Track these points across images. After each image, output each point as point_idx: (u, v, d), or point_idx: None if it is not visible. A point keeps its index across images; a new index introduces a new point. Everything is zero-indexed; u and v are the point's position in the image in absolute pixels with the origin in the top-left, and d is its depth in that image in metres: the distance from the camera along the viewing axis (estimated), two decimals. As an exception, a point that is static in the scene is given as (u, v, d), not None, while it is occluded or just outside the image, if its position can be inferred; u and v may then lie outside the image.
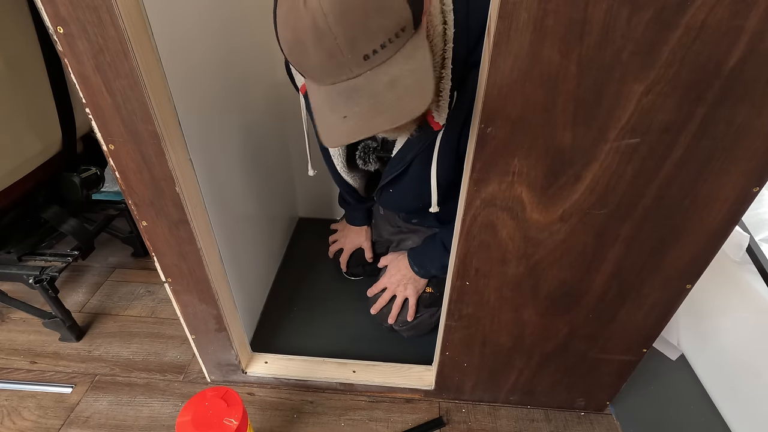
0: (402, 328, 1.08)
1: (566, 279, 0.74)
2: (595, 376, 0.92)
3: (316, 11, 0.48)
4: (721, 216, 0.63)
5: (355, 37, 0.49)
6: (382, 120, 0.53)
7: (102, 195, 1.47)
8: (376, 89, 0.53)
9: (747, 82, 0.50)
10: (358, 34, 0.49)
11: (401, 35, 0.52)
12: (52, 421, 1.00)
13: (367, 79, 0.53)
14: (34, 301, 1.19)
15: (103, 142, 0.65)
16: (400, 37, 0.52)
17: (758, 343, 0.92)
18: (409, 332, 1.10)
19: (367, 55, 0.51)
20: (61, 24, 0.54)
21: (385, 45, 0.51)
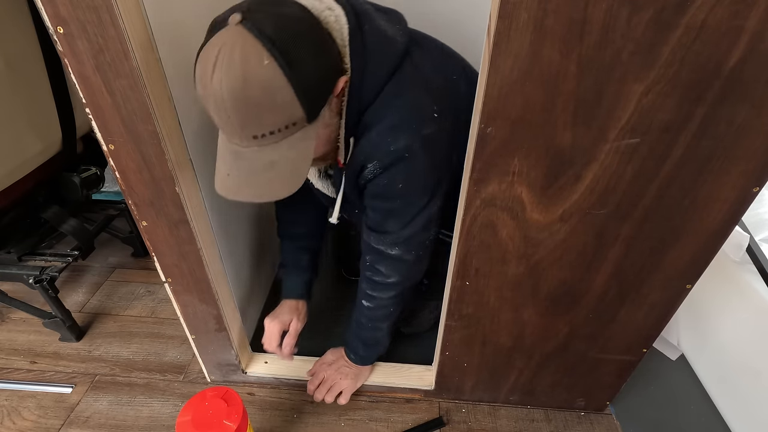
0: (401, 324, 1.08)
1: (566, 279, 0.74)
2: (595, 376, 0.92)
3: (217, 92, 0.53)
4: (721, 216, 0.63)
5: (246, 123, 0.56)
6: (250, 194, 0.62)
7: (102, 195, 1.47)
8: (256, 166, 0.60)
9: (747, 82, 0.50)
10: (250, 121, 0.56)
11: (291, 128, 0.58)
12: (52, 421, 1.00)
13: (252, 153, 0.59)
14: (34, 301, 1.19)
15: (103, 142, 0.65)
16: (289, 128, 0.58)
17: (758, 343, 0.92)
18: (408, 328, 1.10)
19: (255, 135, 0.57)
20: (61, 24, 0.54)
21: (274, 132, 0.57)
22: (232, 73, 0.52)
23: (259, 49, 0.52)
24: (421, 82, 0.69)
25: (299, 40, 0.55)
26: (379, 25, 0.67)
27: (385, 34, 0.67)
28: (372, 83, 0.66)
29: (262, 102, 0.54)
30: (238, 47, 0.52)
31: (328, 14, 0.62)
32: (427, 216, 0.76)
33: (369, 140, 0.68)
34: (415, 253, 0.81)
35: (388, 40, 0.67)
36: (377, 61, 0.65)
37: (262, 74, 0.53)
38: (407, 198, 0.73)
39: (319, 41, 0.59)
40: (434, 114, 0.68)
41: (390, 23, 0.69)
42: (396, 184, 0.71)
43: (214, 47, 0.53)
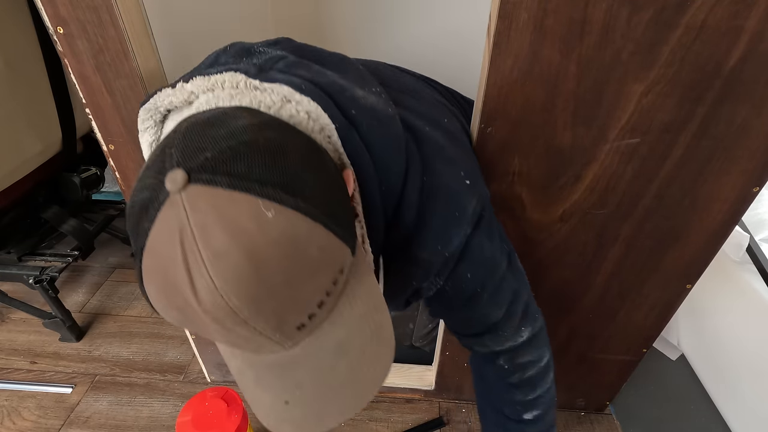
0: (423, 344, 1.07)
1: (566, 279, 0.74)
2: (595, 376, 0.92)
3: (216, 305, 0.31)
4: (721, 216, 0.63)
5: (281, 316, 0.33)
6: (344, 407, 0.38)
7: (102, 195, 1.47)
8: (322, 364, 0.37)
9: (747, 82, 0.50)
10: (285, 311, 0.33)
11: (339, 281, 0.36)
12: (52, 421, 1.00)
13: (306, 349, 0.36)
14: (34, 301, 1.19)
15: (103, 142, 0.65)
16: (338, 283, 0.36)
17: (758, 343, 0.92)
18: (431, 345, 1.05)
19: (301, 324, 0.35)
20: (61, 24, 0.54)
21: (323, 303, 0.35)
22: (226, 263, 0.30)
23: (246, 203, 0.31)
24: (435, 153, 0.50)
25: (278, 156, 0.34)
26: (366, 104, 0.45)
27: (376, 115, 0.45)
28: (388, 189, 0.47)
29: (293, 272, 0.32)
30: (214, 220, 0.30)
31: (291, 109, 0.41)
32: (519, 274, 0.60)
33: (415, 261, 0.51)
34: (539, 316, 0.63)
35: (384, 123, 0.46)
36: (388, 160, 0.46)
37: (274, 234, 0.31)
38: (488, 282, 0.56)
39: (297, 143, 0.37)
40: (466, 181, 0.51)
41: (368, 91, 0.47)
42: (466, 280, 0.54)
43: (168, 242, 0.31)
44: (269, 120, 0.38)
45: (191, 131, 0.34)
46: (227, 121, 0.35)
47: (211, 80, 0.42)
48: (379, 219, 0.47)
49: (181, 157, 0.32)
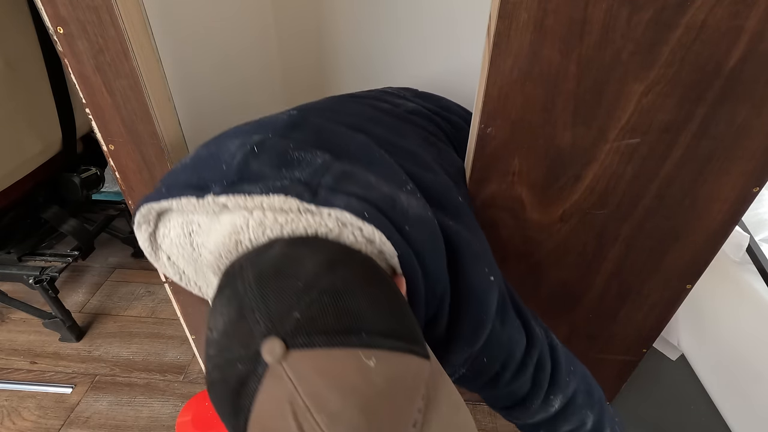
0: None
1: (566, 279, 0.74)
2: (595, 376, 0.92)
3: None
4: (721, 216, 0.63)
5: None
6: None
7: (102, 195, 1.47)
8: None
9: (747, 82, 0.50)
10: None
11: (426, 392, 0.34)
12: (52, 421, 1.00)
13: None
14: (34, 301, 1.19)
15: (103, 142, 0.65)
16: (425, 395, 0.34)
17: (758, 343, 0.92)
18: None
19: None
20: (61, 24, 0.54)
21: (417, 422, 0.33)
22: (342, 423, 0.29)
23: (348, 358, 0.31)
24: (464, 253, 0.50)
25: (358, 298, 0.34)
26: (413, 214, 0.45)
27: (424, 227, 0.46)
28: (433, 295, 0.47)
29: (397, 407, 0.32)
30: (321, 383, 0.30)
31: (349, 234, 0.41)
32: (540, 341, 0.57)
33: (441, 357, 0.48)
34: (574, 378, 0.60)
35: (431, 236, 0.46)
36: (433, 272, 0.46)
37: (379, 381, 0.31)
38: (507, 360, 0.55)
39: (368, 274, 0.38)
40: (490, 277, 0.51)
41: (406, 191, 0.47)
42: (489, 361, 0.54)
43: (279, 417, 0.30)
44: (334, 253, 0.38)
45: (265, 287, 0.33)
46: (295, 266, 0.35)
47: (257, 201, 0.39)
48: (421, 324, 0.47)
49: (270, 324, 0.31)
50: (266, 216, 0.40)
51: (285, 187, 0.40)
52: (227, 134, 0.49)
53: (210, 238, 0.44)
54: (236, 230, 0.40)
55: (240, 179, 0.41)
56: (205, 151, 0.46)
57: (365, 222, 0.40)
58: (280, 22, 1.05)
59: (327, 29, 1.08)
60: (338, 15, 1.07)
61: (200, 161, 0.45)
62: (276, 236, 0.40)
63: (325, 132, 0.49)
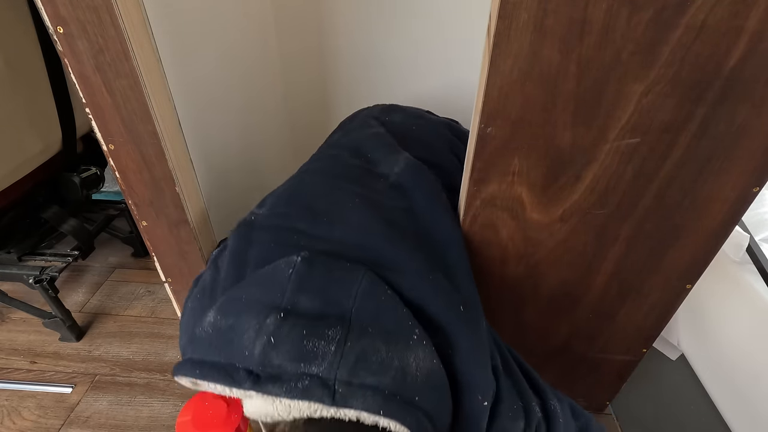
0: None
1: (566, 279, 0.74)
2: (595, 376, 0.92)
3: None
4: (721, 216, 0.63)
5: None
6: None
7: (102, 195, 1.47)
8: None
9: (747, 82, 0.50)
10: None
11: None
12: (52, 421, 1.00)
13: None
14: (34, 301, 1.19)
15: (103, 142, 0.65)
16: None
17: (758, 343, 0.92)
18: None
19: None
20: (61, 24, 0.54)
21: None
22: None
23: None
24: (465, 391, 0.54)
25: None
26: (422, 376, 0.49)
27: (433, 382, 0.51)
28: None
29: None
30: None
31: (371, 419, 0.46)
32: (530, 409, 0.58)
33: None
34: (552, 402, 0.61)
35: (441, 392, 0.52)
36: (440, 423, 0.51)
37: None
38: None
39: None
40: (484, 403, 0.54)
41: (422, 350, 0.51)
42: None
43: None
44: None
45: None
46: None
47: (283, 402, 0.45)
48: None
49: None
50: (292, 409, 0.45)
51: (306, 390, 0.44)
52: (238, 299, 0.51)
53: (246, 405, 0.50)
54: (267, 413, 0.47)
55: (263, 373, 0.45)
56: (223, 323, 0.50)
57: (382, 417, 0.44)
58: (281, 21, 1.05)
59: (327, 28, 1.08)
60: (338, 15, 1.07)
61: (221, 336, 0.49)
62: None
63: (330, 283, 0.51)
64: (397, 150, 0.75)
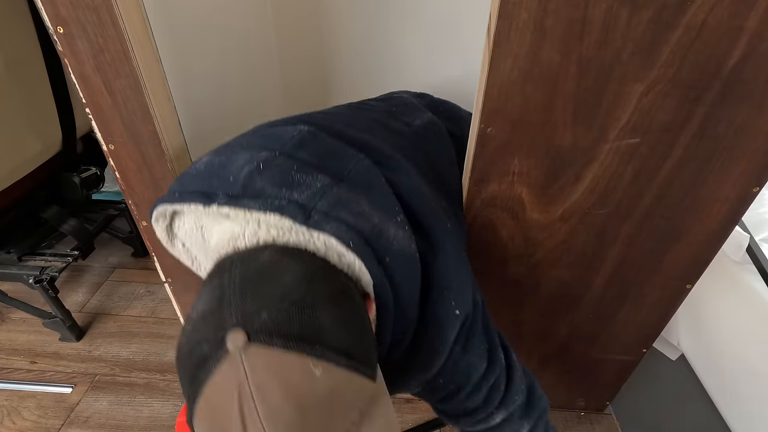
0: None
1: (566, 279, 0.74)
2: (595, 376, 0.92)
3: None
4: (721, 216, 0.63)
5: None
6: None
7: (102, 195, 1.47)
8: None
9: (747, 82, 0.50)
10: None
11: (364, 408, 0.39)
12: (52, 421, 1.00)
13: None
14: (34, 301, 1.19)
15: (103, 142, 0.65)
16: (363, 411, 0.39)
17: (758, 344, 0.92)
18: None
19: None
20: (61, 24, 0.54)
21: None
22: (280, 418, 0.34)
23: (299, 363, 0.35)
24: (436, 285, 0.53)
25: (324, 316, 0.39)
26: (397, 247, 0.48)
27: (405, 261, 0.49)
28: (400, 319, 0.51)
29: (333, 414, 0.36)
30: (270, 378, 0.34)
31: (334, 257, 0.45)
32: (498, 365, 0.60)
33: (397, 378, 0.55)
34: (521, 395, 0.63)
35: (410, 270, 0.50)
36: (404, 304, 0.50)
37: (320, 390, 0.36)
38: (464, 383, 0.58)
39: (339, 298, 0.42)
40: (456, 311, 0.54)
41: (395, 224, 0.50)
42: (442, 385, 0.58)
43: (226, 395, 0.35)
44: (314, 270, 0.43)
45: (246, 287, 0.38)
46: (276, 276, 0.40)
47: (254, 216, 0.44)
48: (385, 346, 0.51)
49: (240, 318, 0.36)
50: (260, 228, 0.44)
51: (282, 207, 0.44)
52: (239, 143, 0.52)
53: (213, 238, 0.49)
54: (234, 237, 0.46)
55: (243, 193, 0.45)
56: (216, 159, 0.50)
57: (348, 250, 0.44)
58: (280, 21, 1.05)
59: (327, 27, 1.08)
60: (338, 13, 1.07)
61: (212, 169, 0.49)
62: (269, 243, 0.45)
63: (330, 153, 0.52)
64: (422, 110, 0.76)
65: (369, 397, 0.40)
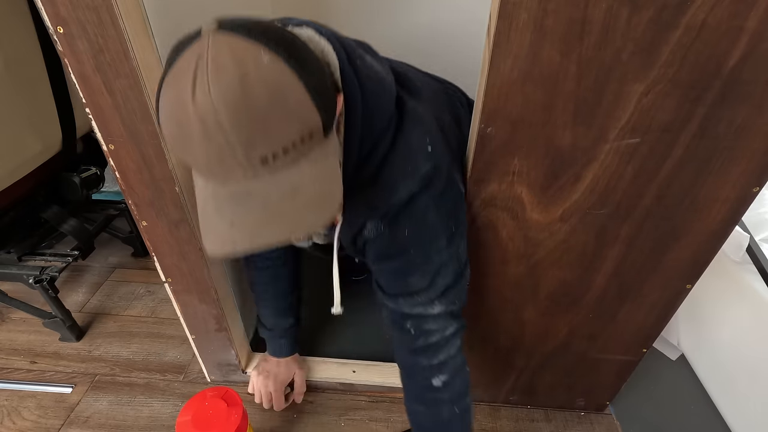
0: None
1: (566, 279, 0.74)
2: (595, 376, 0.92)
3: (206, 107, 0.40)
4: (721, 216, 0.63)
5: (253, 140, 0.42)
6: (275, 231, 0.46)
7: (102, 195, 1.47)
8: (273, 198, 0.45)
9: (747, 82, 0.50)
10: (257, 136, 0.42)
11: (308, 142, 0.45)
12: (52, 421, 1.00)
13: (264, 183, 0.45)
14: (34, 301, 1.19)
15: (103, 142, 0.65)
16: (305, 142, 0.45)
17: (758, 343, 0.92)
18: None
19: (265, 158, 0.43)
20: (61, 24, 0.54)
21: (288, 149, 0.44)
22: (223, 79, 0.40)
23: (252, 47, 0.41)
24: (411, 117, 0.60)
25: (294, 40, 0.45)
26: (371, 63, 0.57)
27: (377, 74, 0.57)
28: (368, 128, 0.56)
29: (271, 107, 0.41)
30: (225, 50, 0.41)
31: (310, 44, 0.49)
32: (456, 260, 0.65)
33: (367, 199, 0.59)
34: (459, 303, 0.68)
35: (381, 81, 0.58)
36: (374, 105, 0.56)
37: (265, 73, 0.41)
38: (422, 244, 0.62)
39: (311, 50, 0.48)
40: (428, 147, 0.60)
41: (375, 58, 0.60)
42: (403, 233, 0.61)
43: (187, 62, 0.41)
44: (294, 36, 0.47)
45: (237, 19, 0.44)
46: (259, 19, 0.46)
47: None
48: (353, 154, 0.56)
49: (218, 19, 0.43)
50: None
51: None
52: None
53: None
54: None
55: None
56: None
57: (321, 36, 0.53)
58: (280, 22, 1.05)
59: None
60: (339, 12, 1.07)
61: None
62: None
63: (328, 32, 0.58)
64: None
65: (314, 129, 0.45)
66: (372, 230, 0.62)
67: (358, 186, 0.58)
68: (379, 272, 0.69)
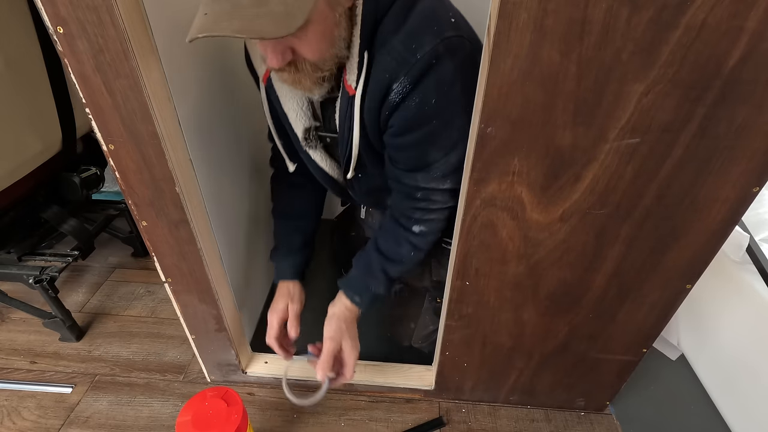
0: (422, 345, 1.07)
1: (566, 279, 0.74)
2: (595, 376, 0.92)
3: None
4: (721, 216, 0.63)
5: None
6: (231, 27, 0.52)
7: (102, 195, 1.47)
8: (243, 1, 0.52)
9: (747, 82, 0.50)
10: None
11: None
12: (52, 421, 1.00)
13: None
14: (34, 301, 1.19)
15: (103, 142, 0.65)
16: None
17: (758, 343, 0.92)
18: (430, 347, 1.05)
19: None
20: (61, 24, 0.54)
21: None
22: None
23: None
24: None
25: None
26: None
27: None
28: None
29: None
30: None
31: None
32: (463, 142, 0.65)
33: (391, 52, 0.62)
34: (459, 185, 0.72)
35: None
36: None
37: None
38: (444, 116, 0.66)
39: None
40: (451, 19, 0.64)
41: None
42: (430, 100, 0.64)
43: None
44: None
45: None
46: None
47: None
48: (370, 12, 0.62)
49: None
50: None
51: None
52: None
53: None
54: None
55: None
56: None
57: None
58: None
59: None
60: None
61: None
62: None
63: None
64: None
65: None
66: (398, 92, 0.64)
67: (383, 42, 0.63)
68: (400, 148, 0.71)
